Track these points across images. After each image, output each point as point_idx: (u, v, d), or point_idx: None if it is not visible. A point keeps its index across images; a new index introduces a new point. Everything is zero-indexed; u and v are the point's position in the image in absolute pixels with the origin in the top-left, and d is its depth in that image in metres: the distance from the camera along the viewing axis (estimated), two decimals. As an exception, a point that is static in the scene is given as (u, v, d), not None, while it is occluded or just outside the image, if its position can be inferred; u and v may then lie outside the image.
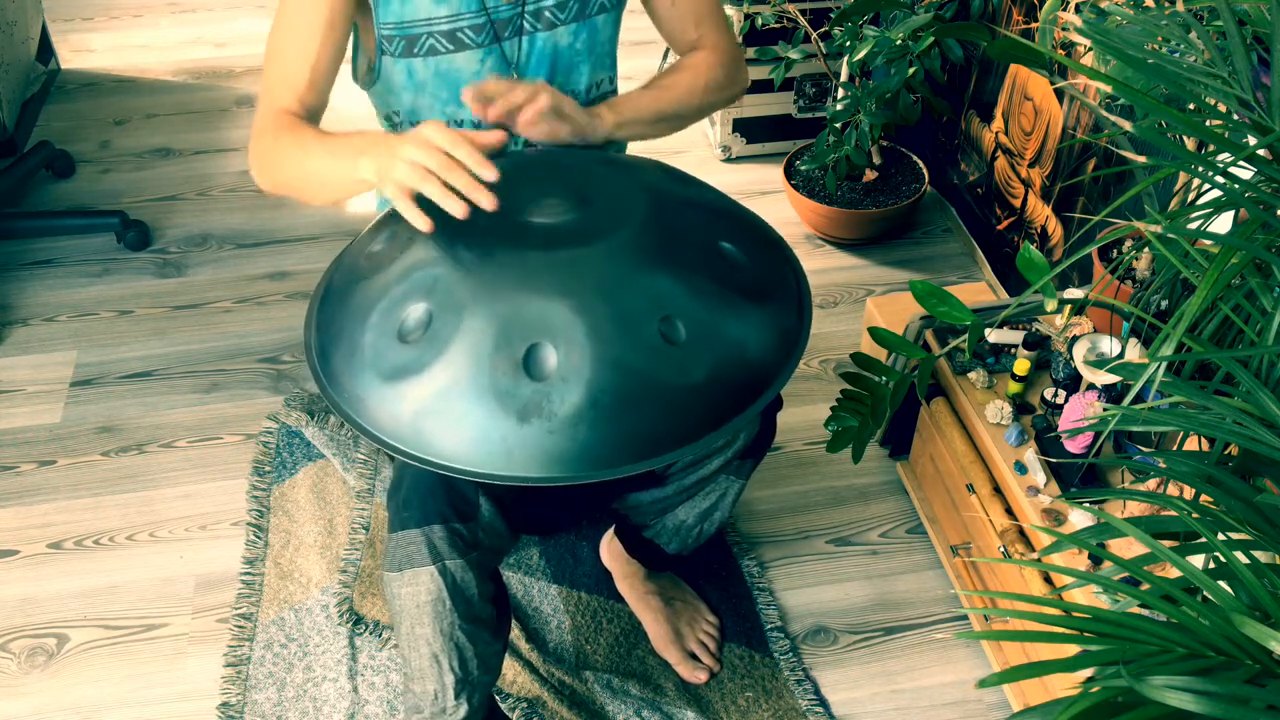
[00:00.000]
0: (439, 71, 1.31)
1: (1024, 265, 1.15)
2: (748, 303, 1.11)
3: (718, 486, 1.44)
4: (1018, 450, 1.52)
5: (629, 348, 1.03)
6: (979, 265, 2.30)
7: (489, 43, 1.30)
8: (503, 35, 1.31)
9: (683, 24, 1.42)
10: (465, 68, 1.31)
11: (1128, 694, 0.75)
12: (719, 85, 1.40)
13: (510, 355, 1.02)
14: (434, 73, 1.31)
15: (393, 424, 1.05)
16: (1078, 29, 1.02)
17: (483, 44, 1.30)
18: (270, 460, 1.93)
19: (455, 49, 1.30)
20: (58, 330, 2.19)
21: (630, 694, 1.60)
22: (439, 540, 1.22)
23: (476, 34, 1.29)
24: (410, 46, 1.29)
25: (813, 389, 2.07)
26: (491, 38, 1.30)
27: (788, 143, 2.56)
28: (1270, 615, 0.79)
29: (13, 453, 1.95)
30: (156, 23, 3.16)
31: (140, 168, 2.60)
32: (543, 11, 1.31)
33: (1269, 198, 0.91)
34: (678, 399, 1.04)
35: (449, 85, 1.32)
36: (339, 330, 1.12)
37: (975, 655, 1.67)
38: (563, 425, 1.01)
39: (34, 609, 1.72)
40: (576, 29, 1.34)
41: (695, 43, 1.43)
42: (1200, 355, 0.93)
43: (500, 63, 1.32)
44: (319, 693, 1.61)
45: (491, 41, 1.30)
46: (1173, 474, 0.95)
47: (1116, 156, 1.77)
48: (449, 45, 1.29)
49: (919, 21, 1.98)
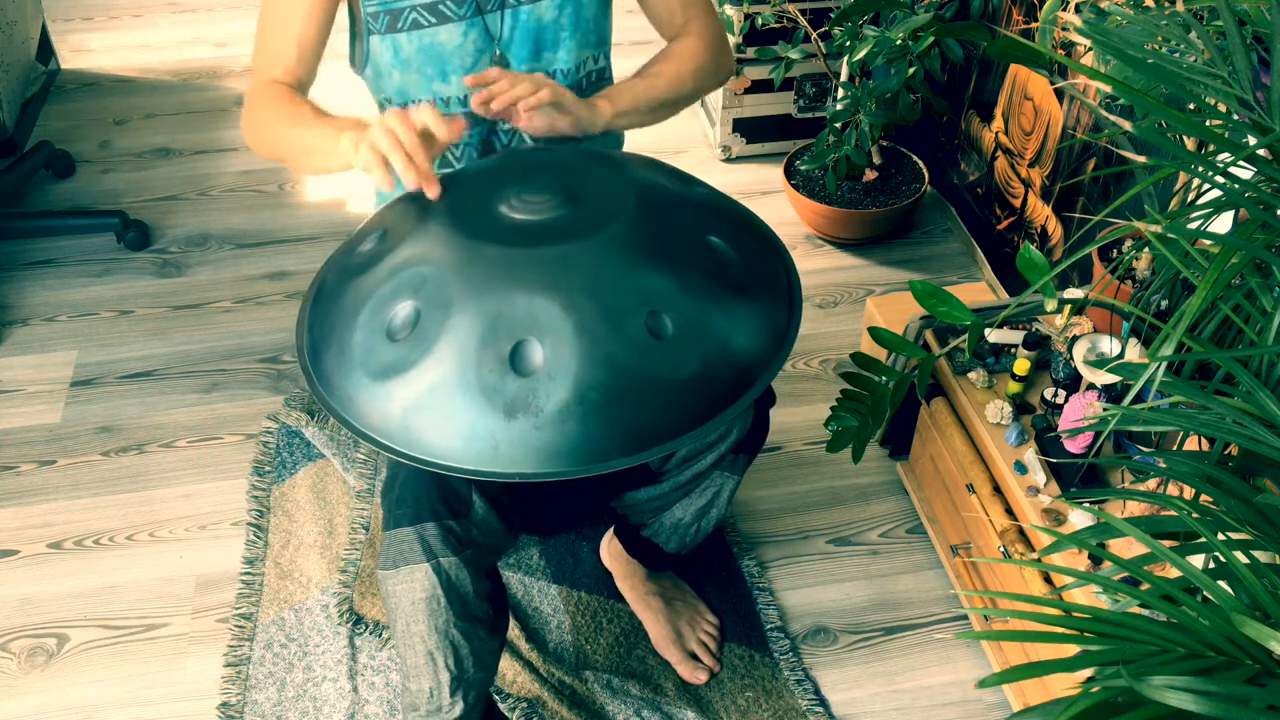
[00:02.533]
0: (423, 47, 1.33)
1: (1024, 265, 1.15)
2: (736, 297, 1.11)
3: (713, 483, 1.44)
4: (1018, 450, 1.52)
5: (616, 343, 1.03)
6: (979, 265, 2.30)
7: (471, 14, 1.32)
8: (485, 8, 1.32)
9: (670, 9, 1.45)
10: (449, 42, 1.33)
11: (1128, 694, 0.75)
12: (707, 71, 1.44)
13: (497, 352, 1.02)
14: (418, 48, 1.33)
15: (383, 422, 1.05)
16: (1078, 29, 1.02)
17: (465, 16, 1.31)
18: (270, 460, 1.93)
19: (438, 22, 1.31)
20: (58, 330, 2.19)
21: (630, 694, 1.60)
22: (432, 537, 1.22)
23: (459, 5, 1.31)
24: (394, 21, 1.31)
25: (813, 389, 2.07)
26: (474, 9, 1.32)
27: (788, 143, 2.56)
28: (1270, 615, 0.79)
29: (13, 453, 1.95)
30: (156, 23, 3.16)
31: (140, 168, 2.60)
32: None
33: (1269, 198, 0.91)
34: (665, 394, 1.04)
35: (434, 62, 1.34)
36: (329, 330, 1.13)
37: (975, 655, 1.67)
38: (550, 421, 1.01)
39: (34, 609, 1.72)
40: (560, 3, 1.35)
41: (682, 28, 1.45)
42: (1200, 355, 0.93)
43: (483, 36, 1.33)
44: (319, 693, 1.61)
45: (474, 14, 1.32)
46: (1173, 474, 0.95)
47: (1116, 156, 1.77)
48: (431, 18, 1.31)
49: (919, 21, 1.98)
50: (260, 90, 1.33)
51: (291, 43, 1.33)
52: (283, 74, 1.34)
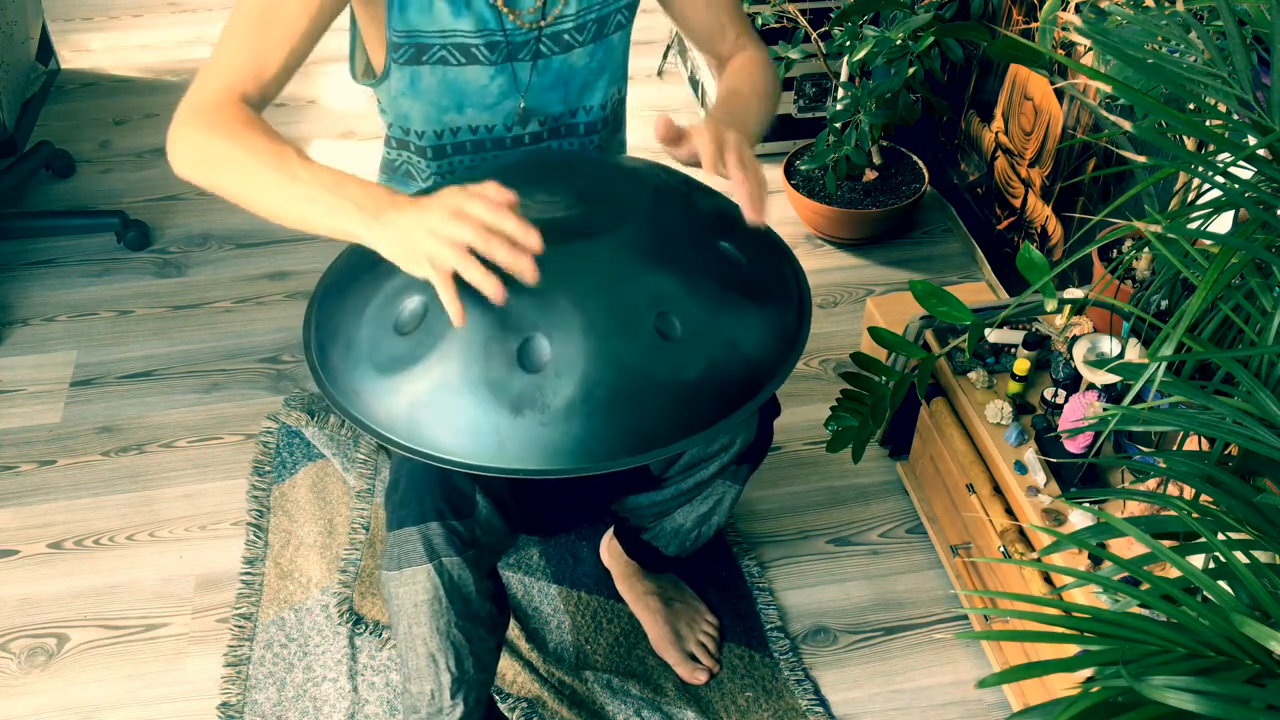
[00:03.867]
0: (445, 81, 1.29)
1: (1024, 265, 1.15)
2: (746, 301, 1.11)
3: (715, 491, 1.44)
4: (1018, 450, 1.52)
5: (624, 343, 1.03)
6: (979, 265, 2.30)
7: (502, 60, 1.28)
8: (517, 55, 1.28)
9: (718, 24, 1.38)
10: (473, 81, 1.29)
11: (1128, 694, 0.75)
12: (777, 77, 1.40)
13: (505, 348, 1.02)
14: (439, 81, 1.29)
15: (388, 417, 1.05)
16: (1078, 29, 1.02)
17: (495, 61, 1.28)
18: (270, 460, 1.93)
19: (467, 62, 1.27)
20: (58, 330, 2.19)
21: (630, 694, 1.60)
22: (436, 538, 1.22)
23: (491, 51, 1.27)
24: (419, 54, 1.26)
25: (813, 389, 2.07)
26: (505, 55, 1.28)
27: (788, 143, 2.56)
28: (1270, 615, 0.79)
29: (13, 453, 1.95)
30: (156, 23, 3.16)
31: (140, 168, 2.60)
32: (561, 35, 1.29)
33: (1269, 198, 0.91)
34: (672, 395, 1.03)
35: (452, 95, 1.30)
36: (337, 324, 1.13)
37: (975, 655, 1.67)
38: (556, 418, 1.01)
39: (34, 609, 1.72)
40: (593, 49, 1.32)
41: (735, 43, 1.40)
42: (1200, 355, 0.93)
43: (510, 81, 1.30)
44: (319, 693, 1.61)
45: (505, 59, 1.28)
46: (1173, 474, 0.95)
47: (1116, 156, 1.77)
48: (460, 59, 1.27)
49: (919, 21, 1.98)
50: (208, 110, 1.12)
51: (280, 50, 1.14)
52: (252, 86, 1.14)
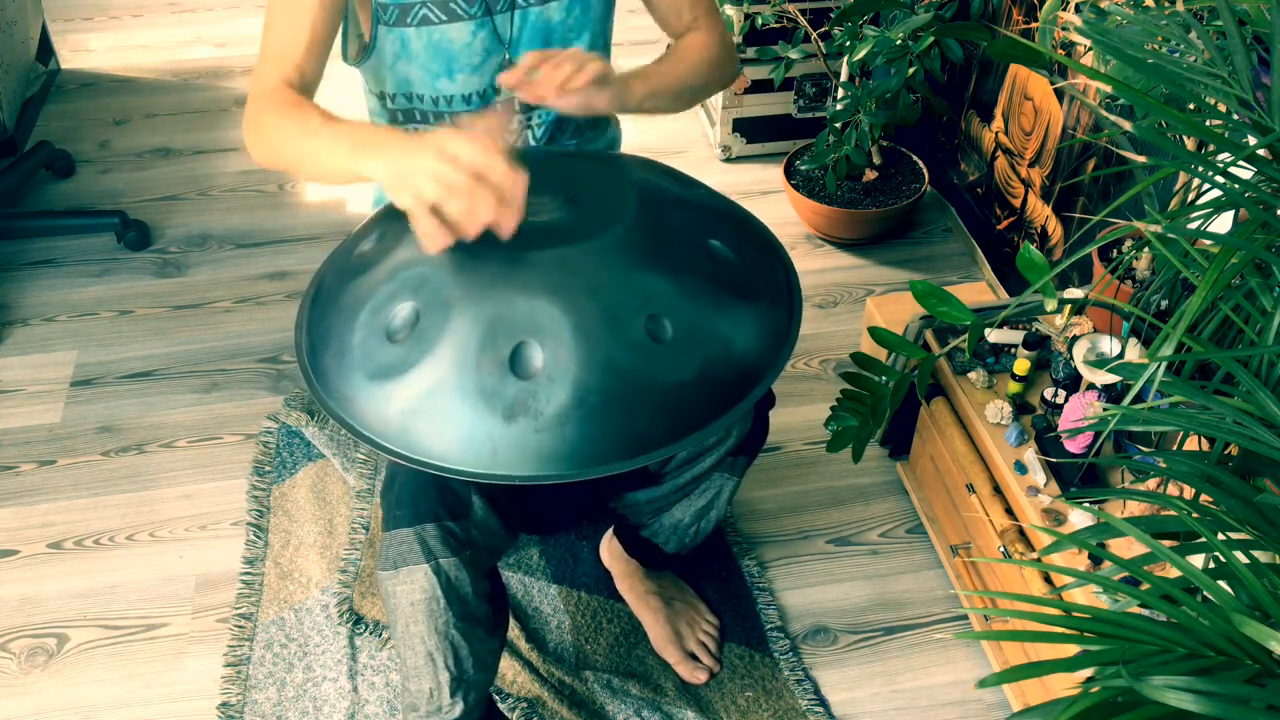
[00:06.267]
0: (431, 43, 1.32)
1: (1024, 265, 1.15)
2: (736, 300, 1.11)
3: (712, 485, 1.44)
4: (1018, 450, 1.52)
5: (616, 346, 1.03)
6: (979, 265, 2.30)
7: (481, 14, 1.32)
8: (495, 8, 1.32)
9: (676, 7, 1.44)
10: (457, 40, 1.32)
11: (1128, 694, 0.75)
12: (720, 63, 1.43)
13: (496, 354, 1.02)
14: (426, 44, 1.32)
15: (381, 423, 1.05)
16: (1078, 29, 1.02)
17: (475, 15, 1.31)
18: (270, 460, 1.93)
19: (448, 19, 1.31)
20: (58, 330, 2.19)
21: (630, 694, 1.60)
22: (432, 539, 1.22)
23: (469, 4, 1.31)
24: (404, 15, 1.30)
25: (813, 389, 2.07)
26: (483, 9, 1.31)
27: (788, 143, 2.56)
28: (1270, 615, 0.79)
29: (13, 453, 1.95)
30: (156, 23, 3.16)
31: (140, 168, 2.60)
32: None
33: (1269, 198, 0.91)
34: (665, 397, 1.03)
35: (441, 59, 1.33)
36: (328, 330, 1.12)
37: (975, 655, 1.67)
38: (549, 424, 1.01)
39: (34, 609, 1.72)
40: (569, 4, 1.35)
41: (690, 24, 1.45)
42: (1200, 355, 0.93)
43: (492, 37, 1.34)
44: (319, 693, 1.61)
45: (483, 14, 1.32)
46: (1173, 474, 0.95)
47: (1116, 156, 1.77)
48: (442, 15, 1.31)
49: (919, 21, 1.98)
50: (263, 95, 1.25)
51: (302, 33, 1.26)
52: (291, 69, 1.26)
